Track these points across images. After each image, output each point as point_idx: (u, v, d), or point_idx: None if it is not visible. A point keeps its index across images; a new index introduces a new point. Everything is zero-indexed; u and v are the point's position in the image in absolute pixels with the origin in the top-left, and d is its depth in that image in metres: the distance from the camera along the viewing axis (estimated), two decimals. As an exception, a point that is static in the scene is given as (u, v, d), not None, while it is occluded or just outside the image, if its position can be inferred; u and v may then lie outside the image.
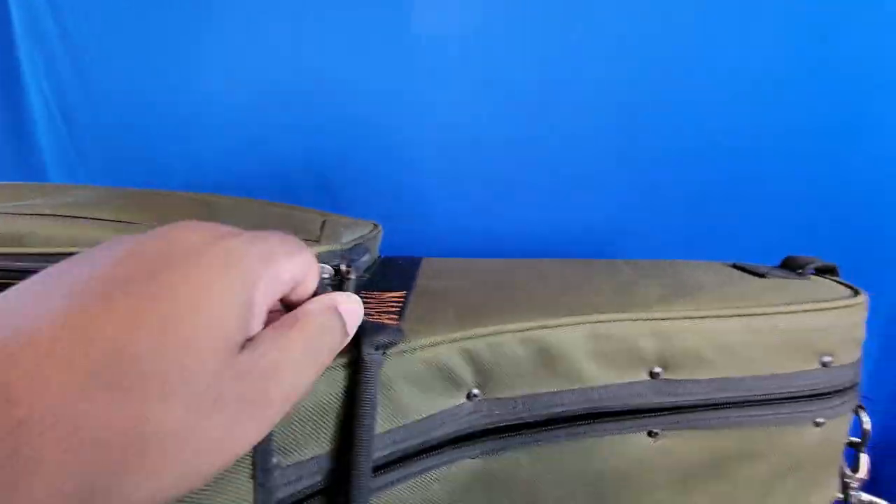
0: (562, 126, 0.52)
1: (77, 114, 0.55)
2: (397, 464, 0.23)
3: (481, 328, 0.25)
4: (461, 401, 0.25)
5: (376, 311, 0.26)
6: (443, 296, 0.29)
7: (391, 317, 0.25)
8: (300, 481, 0.21)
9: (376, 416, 0.21)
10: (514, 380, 0.26)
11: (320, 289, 0.18)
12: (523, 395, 0.26)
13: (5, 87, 0.54)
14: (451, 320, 0.25)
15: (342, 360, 0.21)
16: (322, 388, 0.21)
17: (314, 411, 0.21)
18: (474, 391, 0.25)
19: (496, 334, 0.25)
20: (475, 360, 0.25)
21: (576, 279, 0.33)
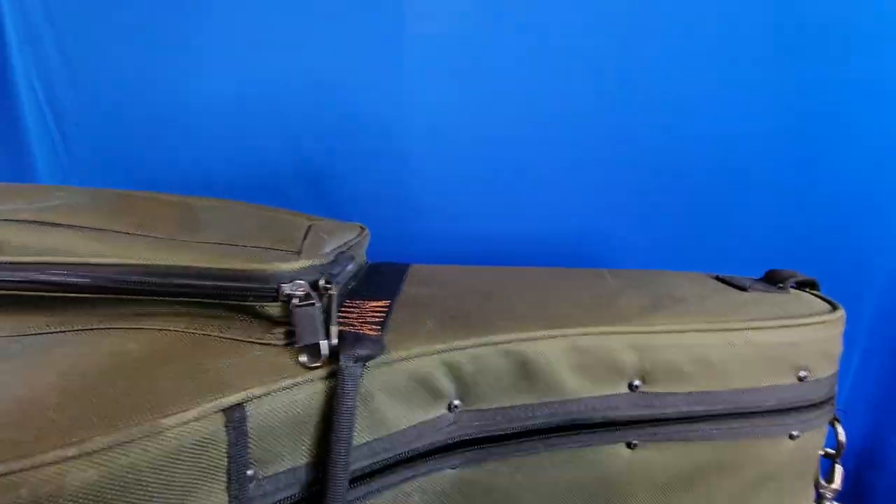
0: (551, 132, 0.53)
1: (67, 113, 0.55)
2: (377, 475, 0.23)
3: (463, 340, 0.25)
4: (442, 412, 0.26)
5: (359, 321, 0.26)
6: (426, 305, 0.29)
7: (373, 328, 0.25)
8: (277, 493, 0.21)
9: (354, 428, 0.21)
10: (495, 392, 0.26)
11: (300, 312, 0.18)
12: (504, 406, 0.26)
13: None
14: (434, 331, 0.25)
15: (321, 372, 0.22)
16: (301, 399, 0.21)
17: (292, 423, 0.21)
18: (455, 402, 0.26)
19: (478, 346, 0.25)
20: (456, 372, 0.25)
21: (559, 290, 0.33)
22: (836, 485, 0.32)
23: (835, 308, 0.31)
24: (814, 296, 0.33)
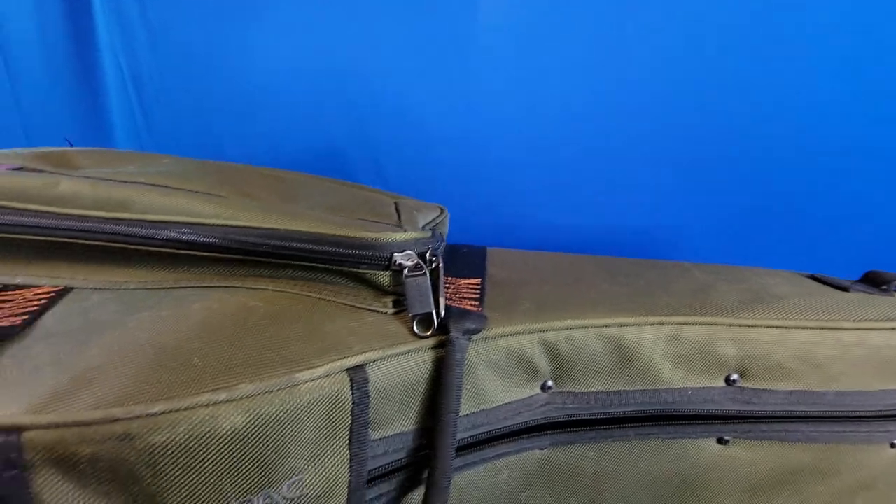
0: (626, 126, 0.52)
1: (148, 87, 0.57)
2: (474, 448, 0.24)
3: (560, 321, 0.25)
4: (536, 391, 0.25)
5: (456, 296, 0.26)
6: (517, 287, 0.29)
7: (472, 303, 0.25)
8: (386, 456, 0.21)
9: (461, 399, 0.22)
10: (589, 375, 0.26)
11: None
12: (597, 391, 0.26)
13: (83, 58, 0.56)
14: (530, 311, 0.25)
15: (430, 342, 0.22)
16: (412, 366, 0.21)
17: (404, 389, 0.21)
18: (549, 383, 0.25)
19: (575, 328, 0.25)
20: (553, 353, 0.25)
21: (649, 279, 0.32)
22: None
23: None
24: (921, 300, 0.32)
